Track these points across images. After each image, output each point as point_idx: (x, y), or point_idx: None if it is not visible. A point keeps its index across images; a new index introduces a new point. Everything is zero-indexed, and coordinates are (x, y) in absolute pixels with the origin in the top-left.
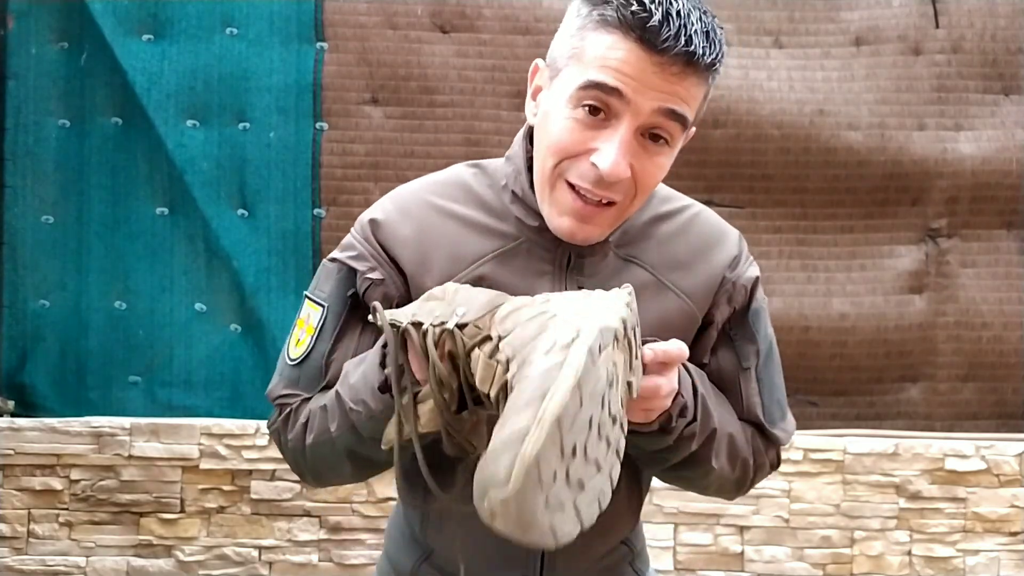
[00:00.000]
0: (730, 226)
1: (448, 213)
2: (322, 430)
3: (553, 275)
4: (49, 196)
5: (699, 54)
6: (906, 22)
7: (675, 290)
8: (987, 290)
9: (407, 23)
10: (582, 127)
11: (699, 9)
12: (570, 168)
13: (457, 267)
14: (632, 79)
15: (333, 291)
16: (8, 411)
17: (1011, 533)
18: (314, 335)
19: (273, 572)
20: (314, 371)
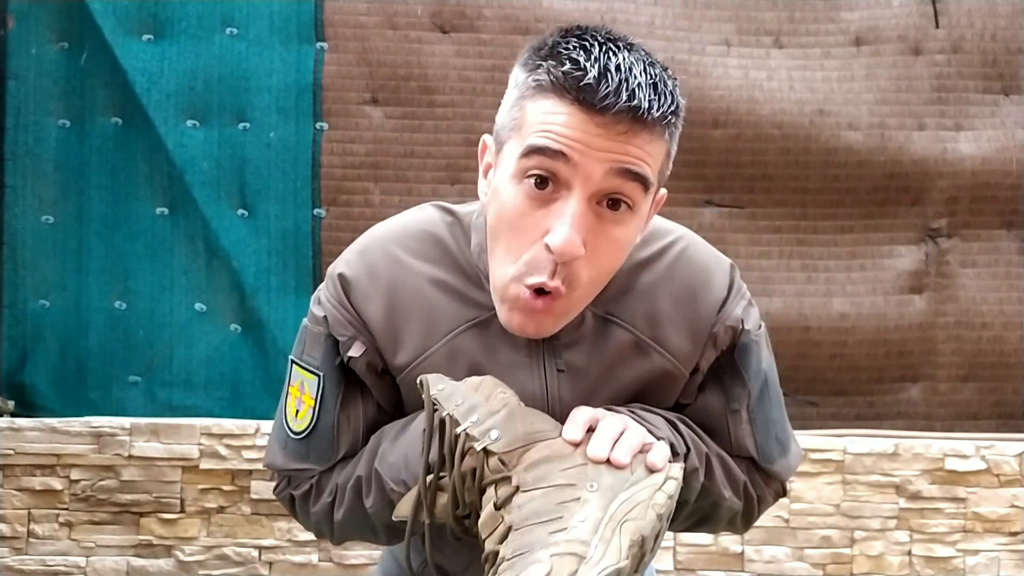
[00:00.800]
0: (719, 257)
1: (420, 276)
2: (354, 505)
3: (530, 347)
4: (49, 196)
5: (645, 108)
6: (906, 22)
7: (660, 351)
8: (987, 290)
9: (407, 23)
10: (531, 203)
11: (644, 60)
12: (528, 268)
13: (430, 340)
14: (576, 142)
15: (324, 359)
16: (8, 411)
17: (1011, 533)
18: (315, 407)
19: (273, 572)
20: (324, 444)
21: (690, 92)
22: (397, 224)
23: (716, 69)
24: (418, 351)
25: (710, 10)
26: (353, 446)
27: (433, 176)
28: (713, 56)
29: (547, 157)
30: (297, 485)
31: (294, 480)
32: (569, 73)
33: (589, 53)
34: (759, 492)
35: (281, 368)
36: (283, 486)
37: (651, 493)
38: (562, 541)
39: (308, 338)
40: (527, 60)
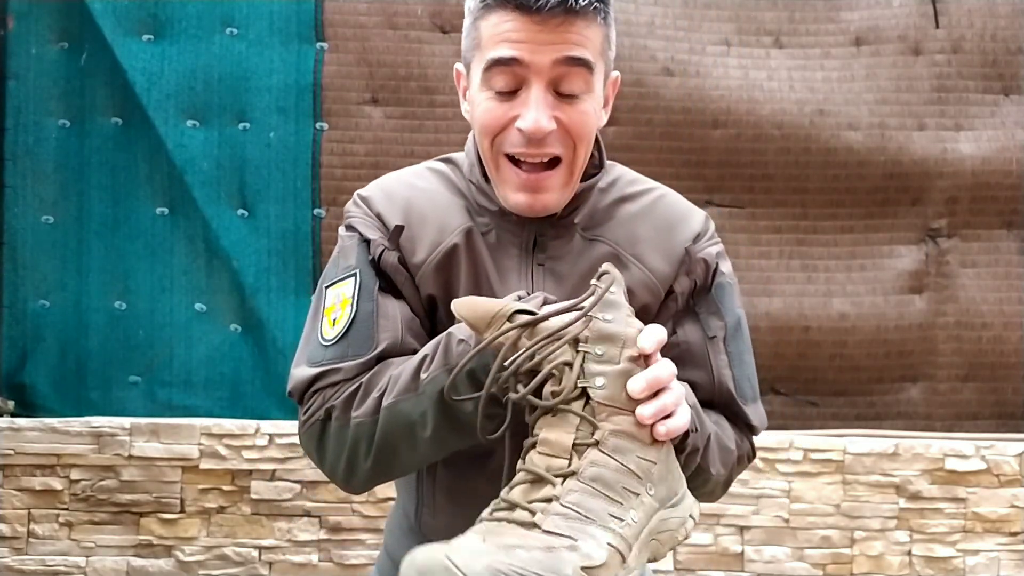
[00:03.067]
0: (697, 208)
1: (430, 192)
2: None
3: (520, 257)
4: (49, 196)
5: (573, 1)
6: (906, 22)
7: (638, 265)
8: (987, 290)
9: (407, 23)
10: (499, 103)
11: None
12: (503, 141)
13: (441, 235)
14: (523, 43)
15: (359, 258)
16: (8, 411)
17: (1011, 533)
18: (352, 303)
19: (273, 572)
20: (365, 333)
21: (690, 92)
22: (404, 169)
23: (716, 69)
24: (431, 247)
25: (710, 10)
26: (394, 335)
27: None
28: (713, 56)
29: (504, 64)
30: (336, 394)
31: (330, 390)
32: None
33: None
34: (738, 453)
35: (281, 368)
36: (316, 405)
37: (679, 524)
38: (617, 531)
39: (341, 253)
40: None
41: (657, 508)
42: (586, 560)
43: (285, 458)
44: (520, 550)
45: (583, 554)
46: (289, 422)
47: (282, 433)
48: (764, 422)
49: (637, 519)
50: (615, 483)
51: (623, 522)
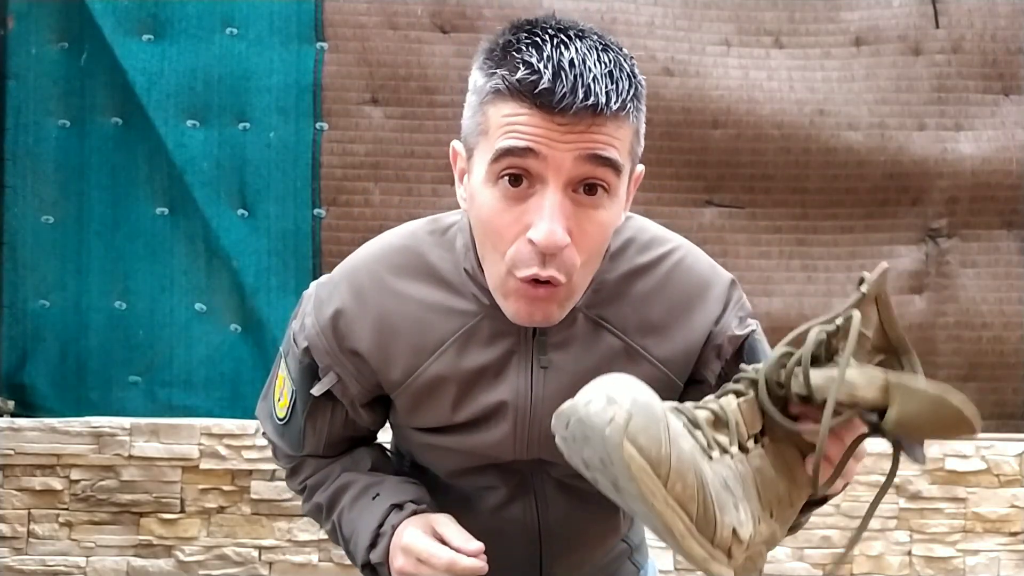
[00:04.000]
0: (719, 271)
1: (406, 297)
2: (315, 514)
3: (519, 352)
4: (49, 196)
5: (602, 103)
6: (906, 22)
7: (649, 358)
8: (987, 290)
9: (407, 23)
10: (508, 203)
11: (597, 48)
12: (515, 263)
13: (420, 358)
14: (542, 137)
15: (299, 378)
16: (8, 411)
17: (1011, 533)
18: (288, 407)
19: (273, 572)
20: (295, 437)
21: (690, 92)
22: (382, 244)
23: (716, 69)
24: (409, 370)
25: (710, 10)
26: (315, 449)
27: (433, 176)
28: (713, 56)
29: (517, 156)
30: (279, 457)
31: (277, 452)
32: (525, 79)
33: (541, 51)
34: None
35: None
36: (272, 452)
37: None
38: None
39: (291, 352)
40: (482, 64)
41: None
42: (739, 525)
43: None
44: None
45: (739, 519)
46: None
47: None
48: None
49: (763, 533)
50: (768, 489)
51: (759, 524)
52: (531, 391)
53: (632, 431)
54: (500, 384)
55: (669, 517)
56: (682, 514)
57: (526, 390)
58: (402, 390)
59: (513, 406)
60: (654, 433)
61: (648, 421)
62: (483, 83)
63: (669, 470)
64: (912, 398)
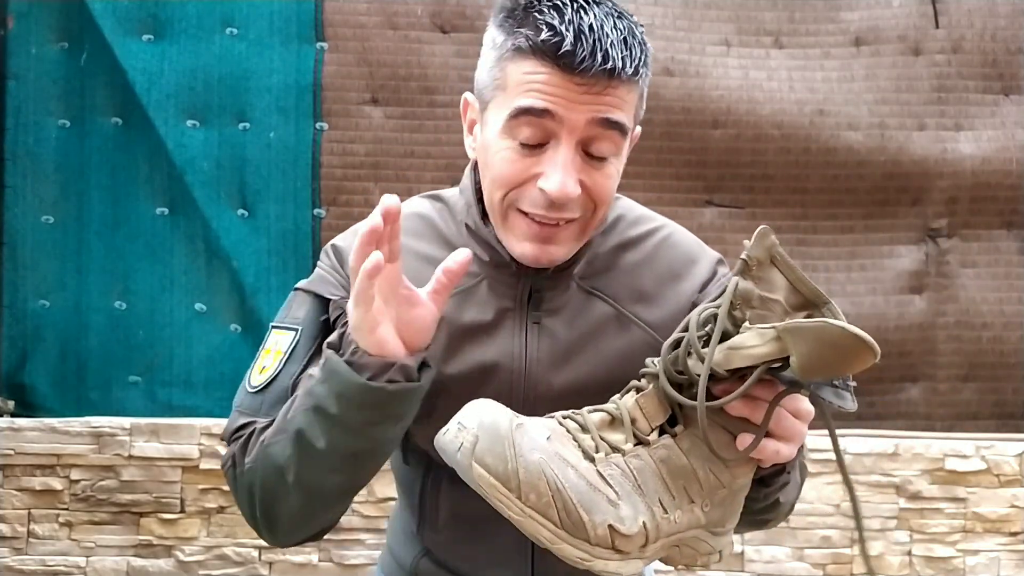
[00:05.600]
0: (706, 248)
1: (408, 250)
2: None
3: (514, 311)
4: (49, 196)
5: (619, 67)
6: (906, 22)
7: (639, 323)
8: (987, 290)
9: (407, 23)
10: (521, 156)
11: (613, 15)
12: (519, 197)
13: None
14: (560, 98)
15: (306, 316)
16: (8, 411)
17: (1011, 533)
18: (283, 358)
19: (273, 572)
20: (280, 392)
21: (690, 92)
22: None
23: (716, 69)
24: None
25: (710, 10)
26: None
27: (433, 176)
28: (713, 56)
29: (535, 116)
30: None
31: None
32: (548, 40)
33: (563, 15)
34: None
35: None
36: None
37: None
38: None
39: (295, 301)
40: (503, 22)
41: (701, 526)
42: (618, 522)
43: None
44: (571, 470)
45: (618, 515)
46: None
47: None
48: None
49: (679, 521)
50: (678, 478)
51: (666, 514)
52: (525, 353)
53: (479, 453)
54: (493, 344)
55: (532, 526)
56: (544, 521)
57: (520, 352)
58: None
59: (507, 367)
60: (499, 451)
61: (492, 442)
62: (503, 40)
63: (519, 483)
64: (803, 338)
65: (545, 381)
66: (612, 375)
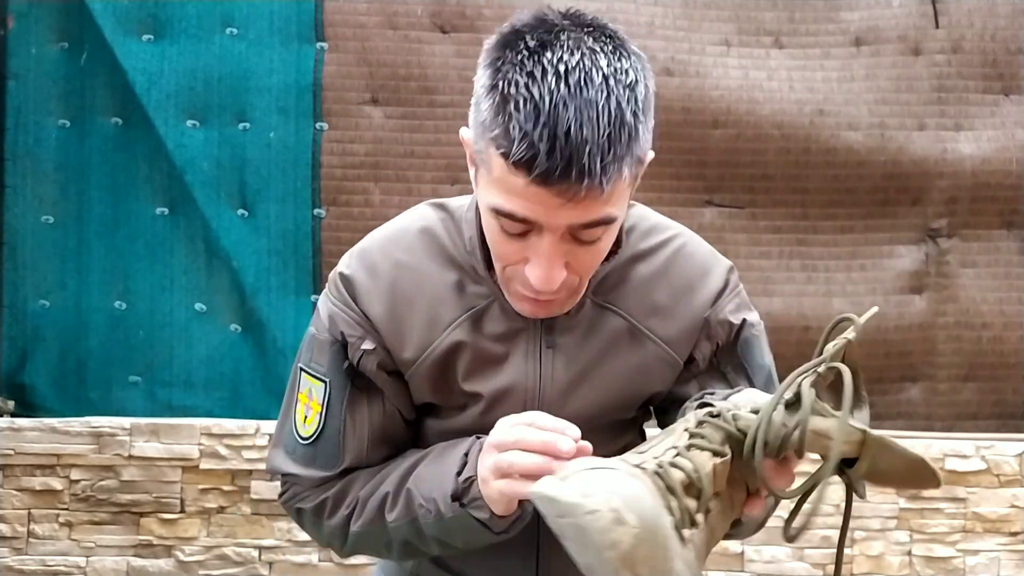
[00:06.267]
0: (719, 257)
1: (419, 273)
2: (374, 519)
3: (528, 332)
4: (49, 196)
5: (598, 173)
6: (906, 22)
7: (653, 338)
8: (987, 290)
9: (407, 23)
10: (509, 239)
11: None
12: (514, 275)
13: (433, 334)
14: (537, 205)
15: (330, 365)
16: (8, 411)
17: (1011, 533)
18: (322, 412)
19: (273, 572)
20: (331, 448)
21: (690, 92)
22: (393, 227)
23: (716, 69)
24: (423, 346)
25: (710, 10)
26: (358, 452)
27: (433, 176)
28: (713, 56)
29: (514, 220)
30: (305, 498)
31: (301, 491)
32: (520, 157)
33: (538, 111)
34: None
35: (281, 368)
36: (289, 495)
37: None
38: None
39: (315, 345)
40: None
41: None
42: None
43: None
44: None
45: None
46: None
47: None
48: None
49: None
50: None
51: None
52: (539, 373)
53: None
54: (508, 366)
55: None
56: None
57: (535, 373)
58: (416, 368)
59: (522, 388)
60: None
61: (654, 548)
62: (487, 112)
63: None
64: (888, 456)
65: (559, 403)
66: (625, 392)
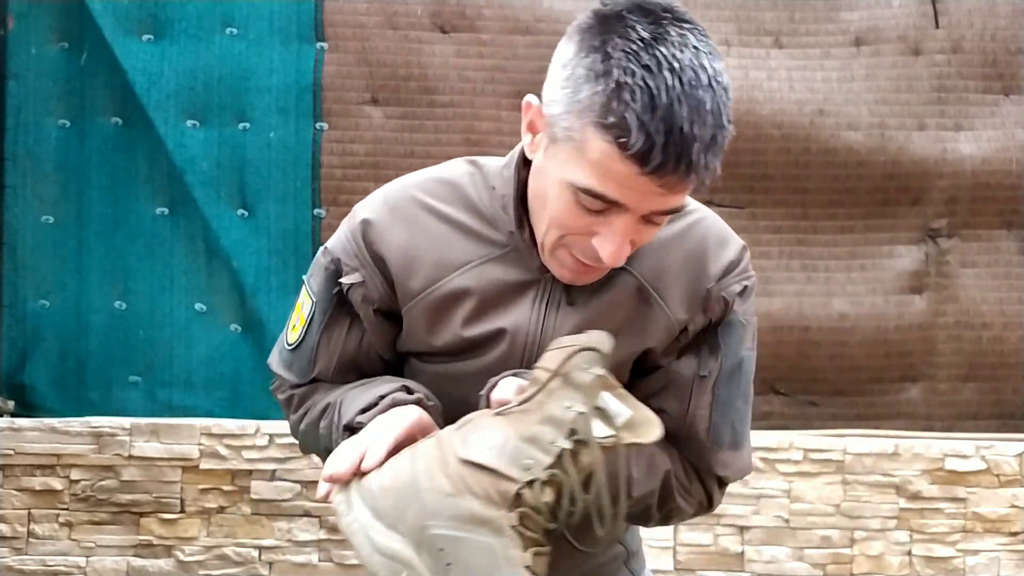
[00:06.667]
0: (735, 236)
1: (438, 214)
2: (313, 422)
3: (538, 284)
4: (49, 196)
5: (702, 167)
6: (906, 22)
7: (659, 301)
8: (987, 290)
9: (407, 23)
10: (582, 213)
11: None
12: (572, 243)
13: (441, 272)
14: (633, 191)
15: (321, 286)
16: (8, 411)
17: (1011, 533)
18: (305, 326)
19: (273, 572)
20: (304, 360)
21: None
22: (422, 173)
23: None
24: (430, 281)
25: (710, 10)
26: (326, 369)
27: None
28: None
29: (604, 200)
30: (282, 391)
31: (280, 386)
32: (636, 148)
33: (655, 102)
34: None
35: None
36: (274, 387)
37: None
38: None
39: (316, 266)
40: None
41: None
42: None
43: (285, 458)
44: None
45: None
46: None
47: (282, 433)
48: (742, 470)
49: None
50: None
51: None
52: (542, 321)
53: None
54: (513, 311)
55: None
56: None
57: (538, 320)
58: (417, 301)
59: (524, 331)
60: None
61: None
62: (587, 90)
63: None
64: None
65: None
66: (622, 349)
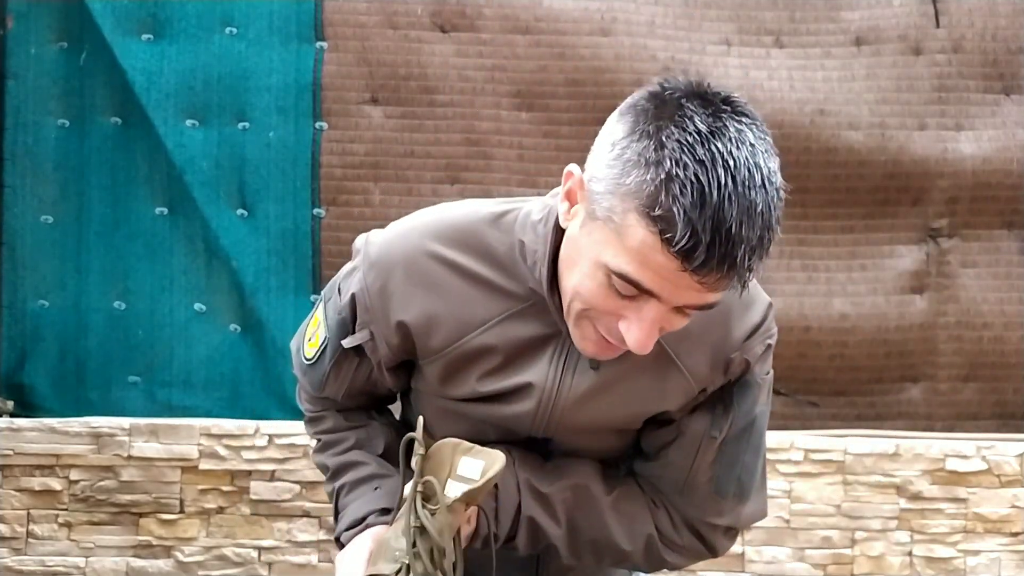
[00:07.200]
0: (761, 292)
1: (458, 269)
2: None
3: (558, 340)
4: (49, 196)
5: (745, 271)
6: (906, 22)
7: (680, 366)
8: (988, 290)
9: (407, 23)
10: (613, 295)
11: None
12: (598, 318)
13: (464, 330)
14: (670, 284)
15: (333, 328)
16: (8, 411)
17: (1012, 533)
18: (318, 351)
19: (273, 573)
20: (317, 381)
21: None
22: (436, 215)
23: (716, 69)
24: (451, 340)
25: (710, 10)
26: (334, 395)
27: (433, 176)
28: (713, 56)
29: (637, 288)
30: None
31: (299, 392)
32: (682, 244)
33: (704, 201)
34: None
35: (281, 368)
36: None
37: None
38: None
39: (333, 299)
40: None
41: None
42: None
43: (284, 458)
44: None
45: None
46: (288, 422)
47: (282, 433)
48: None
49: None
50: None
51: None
52: (559, 378)
53: None
54: (534, 365)
55: None
56: None
57: (555, 376)
58: (438, 357)
59: (540, 387)
60: None
61: None
62: (634, 176)
63: None
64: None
65: (574, 409)
66: (640, 409)
